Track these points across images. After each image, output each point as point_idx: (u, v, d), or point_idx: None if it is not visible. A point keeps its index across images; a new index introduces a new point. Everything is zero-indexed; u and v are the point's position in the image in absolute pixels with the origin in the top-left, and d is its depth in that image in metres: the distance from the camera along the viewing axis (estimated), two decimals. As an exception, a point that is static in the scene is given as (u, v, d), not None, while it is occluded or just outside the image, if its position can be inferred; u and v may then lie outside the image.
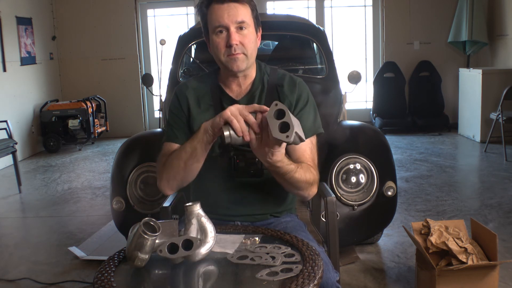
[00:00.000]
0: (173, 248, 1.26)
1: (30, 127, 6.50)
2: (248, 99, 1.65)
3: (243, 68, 1.58)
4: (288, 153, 1.58)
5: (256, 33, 1.62)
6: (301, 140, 1.29)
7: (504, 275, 2.57)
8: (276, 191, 1.67)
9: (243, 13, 1.55)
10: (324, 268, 1.37)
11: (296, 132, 1.25)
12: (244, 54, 1.56)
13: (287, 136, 1.24)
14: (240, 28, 1.55)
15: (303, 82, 1.70)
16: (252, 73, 1.66)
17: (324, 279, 1.38)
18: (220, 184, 1.65)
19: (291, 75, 1.72)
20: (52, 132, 6.54)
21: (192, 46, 3.60)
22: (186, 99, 1.67)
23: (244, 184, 1.63)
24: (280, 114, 1.26)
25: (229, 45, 1.54)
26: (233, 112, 1.35)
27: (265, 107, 1.34)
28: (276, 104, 1.27)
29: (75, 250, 3.18)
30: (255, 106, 1.36)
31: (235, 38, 1.53)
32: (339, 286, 1.47)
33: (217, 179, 1.65)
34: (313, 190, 1.57)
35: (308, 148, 1.60)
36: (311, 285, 1.17)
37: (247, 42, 1.56)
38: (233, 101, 1.64)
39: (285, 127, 1.25)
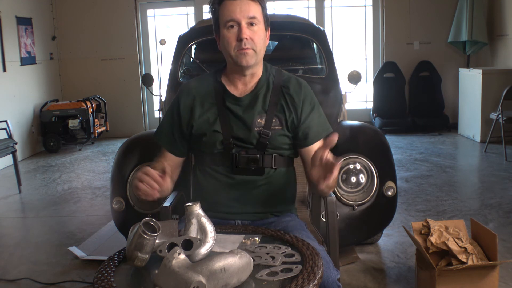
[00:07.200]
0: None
1: (30, 127, 6.50)
2: (251, 97, 1.65)
3: (252, 63, 1.59)
4: (303, 158, 1.67)
5: (266, 31, 1.65)
6: None
7: (504, 275, 2.57)
8: (277, 190, 1.67)
9: (255, 9, 1.58)
10: (325, 266, 1.37)
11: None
12: (253, 49, 1.58)
13: None
14: (250, 24, 1.58)
15: (308, 85, 1.72)
16: (259, 72, 1.68)
17: (324, 277, 1.38)
18: (221, 181, 1.65)
19: (297, 77, 1.73)
20: (52, 132, 6.54)
21: (192, 46, 3.60)
22: (190, 98, 1.68)
23: (245, 182, 1.64)
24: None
25: (239, 39, 1.56)
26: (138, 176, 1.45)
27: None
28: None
29: (75, 250, 3.18)
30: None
31: (246, 32, 1.56)
32: (340, 285, 1.46)
33: (218, 176, 1.66)
34: None
35: None
36: (311, 285, 1.17)
37: (257, 38, 1.59)
38: (235, 99, 1.65)
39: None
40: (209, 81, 1.70)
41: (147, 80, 4.03)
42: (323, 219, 2.23)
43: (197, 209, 1.33)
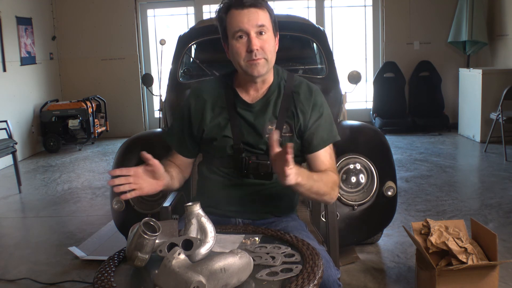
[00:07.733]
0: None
1: (30, 127, 6.50)
2: (262, 103, 1.65)
3: (263, 72, 1.58)
4: (308, 164, 1.66)
5: (275, 37, 1.63)
6: None
7: (504, 275, 2.57)
8: (282, 194, 1.68)
9: (263, 17, 1.56)
10: (325, 265, 1.37)
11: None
12: (264, 59, 1.57)
13: None
14: (260, 33, 1.55)
15: (319, 90, 1.70)
16: (270, 78, 1.66)
17: (325, 276, 1.38)
18: (227, 181, 1.66)
19: (308, 82, 1.71)
20: (52, 132, 6.54)
21: (192, 46, 3.60)
22: (201, 102, 1.68)
23: (252, 185, 1.64)
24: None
25: (249, 50, 1.54)
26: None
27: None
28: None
29: (75, 250, 3.18)
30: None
31: (256, 43, 1.54)
32: (340, 284, 1.47)
33: (225, 176, 1.66)
34: (335, 193, 1.59)
35: (327, 154, 1.65)
36: (311, 285, 1.17)
37: (267, 46, 1.57)
38: (247, 105, 1.64)
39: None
40: (220, 85, 1.70)
41: (147, 80, 4.03)
42: (323, 219, 2.23)
43: (197, 209, 1.33)
